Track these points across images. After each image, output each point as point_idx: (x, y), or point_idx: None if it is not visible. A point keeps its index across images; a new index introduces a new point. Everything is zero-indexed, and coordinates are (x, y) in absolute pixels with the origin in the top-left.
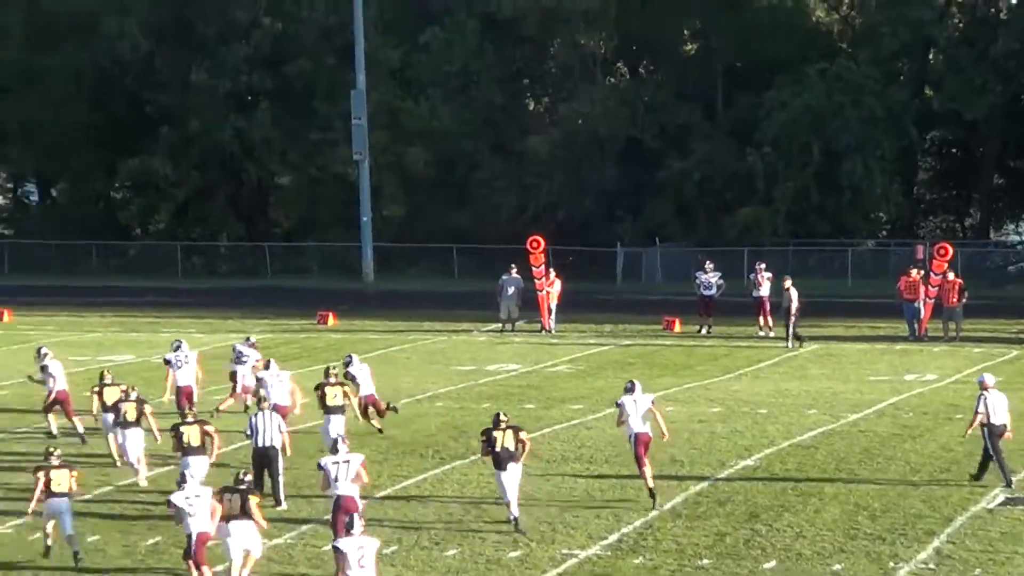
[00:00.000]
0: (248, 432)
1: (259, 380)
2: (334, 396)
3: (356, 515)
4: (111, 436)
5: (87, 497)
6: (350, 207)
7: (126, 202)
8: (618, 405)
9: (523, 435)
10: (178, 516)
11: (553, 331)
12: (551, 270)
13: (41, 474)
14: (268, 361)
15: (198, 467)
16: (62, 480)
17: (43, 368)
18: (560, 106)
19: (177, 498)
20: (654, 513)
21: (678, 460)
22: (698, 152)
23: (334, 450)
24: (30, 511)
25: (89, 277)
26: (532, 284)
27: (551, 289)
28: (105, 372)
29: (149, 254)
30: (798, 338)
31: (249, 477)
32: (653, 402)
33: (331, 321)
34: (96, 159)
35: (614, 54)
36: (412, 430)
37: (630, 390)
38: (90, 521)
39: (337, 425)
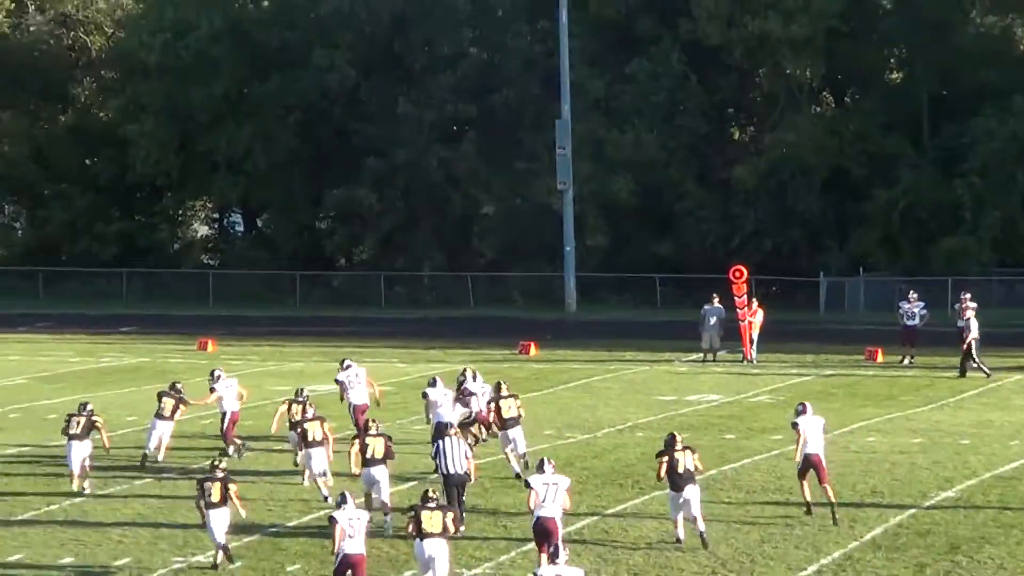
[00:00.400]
0: (433, 455)
1: (425, 396)
2: (508, 408)
3: (560, 544)
4: (299, 454)
5: (292, 524)
6: (553, 237)
7: (331, 232)
8: (795, 426)
9: (696, 458)
10: (334, 535)
11: (755, 361)
12: (754, 299)
13: (202, 486)
14: (434, 379)
15: (381, 477)
16: (215, 491)
17: (212, 390)
18: (765, 135)
19: (340, 516)
20: (853, 544)
21: (878, 491)
22: (904, 181)
23: (541, 469)
24: (202, 522)
25: (292, 307)
26: (734, 314)
27: (753, 319)
28: (301, 390)
29: (352, 284)
30: (963, 368)
31: (436, 495)
32: (823, 428)
33: (533, 351)
34: (302, 189)
35: (820, 83)
36: (612, 460)
37: (802, 412)
38: (294, 548)
39: (517, 435)
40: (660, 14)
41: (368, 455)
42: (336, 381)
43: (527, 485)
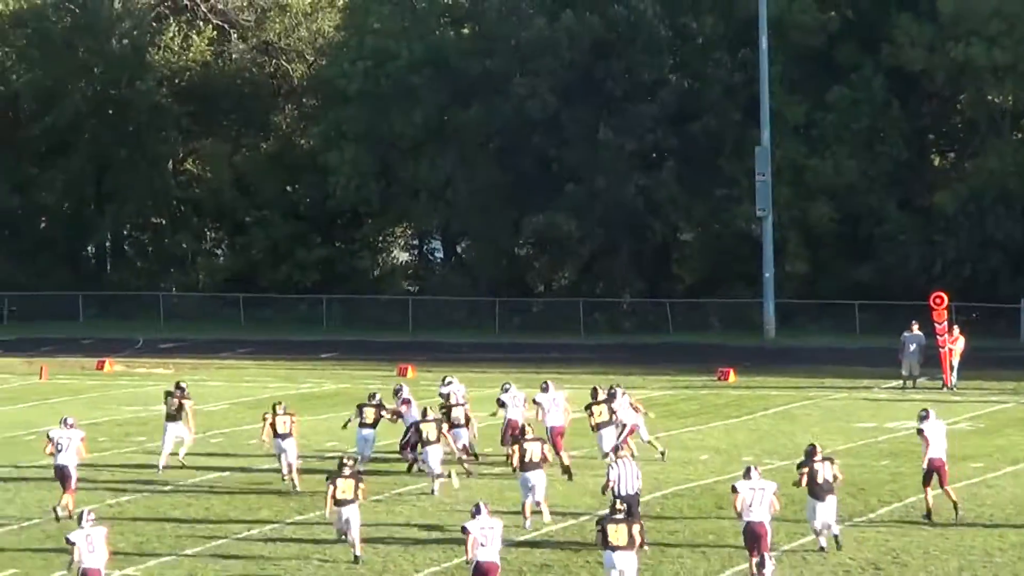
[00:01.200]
0: (608, 475)
1: (536, 403)
2: (600, 414)
3: (768, 555)
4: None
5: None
6: (753, 263)
7: (530, 259)
8: (920, 432)
9: (836, 468)
10: (467, 543)
11: (955, 388)
12: (954, 326)
13: (330, 484)
14: (546, 383)
15: (537, 480)
16: (347, 488)
17: (405, 402)
18: (966, 162)
19: (472, 526)
20: None
21: None
22: None
23: (748, 476)
24: (327, 515)
25: (492, 333)
26: (935, 340)
27: (954, 346)
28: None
29: (552, 310)
30: None
31: (624, 507)
32: (946, 433)
33: (731, 377)
34: (501, 216)
35: (1022, 108)
36: None
37: (925, 417)
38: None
39: (609, 438)
40: (861, 41)
41: (526, 459)
42: (498, 402)
43: (733, 490)
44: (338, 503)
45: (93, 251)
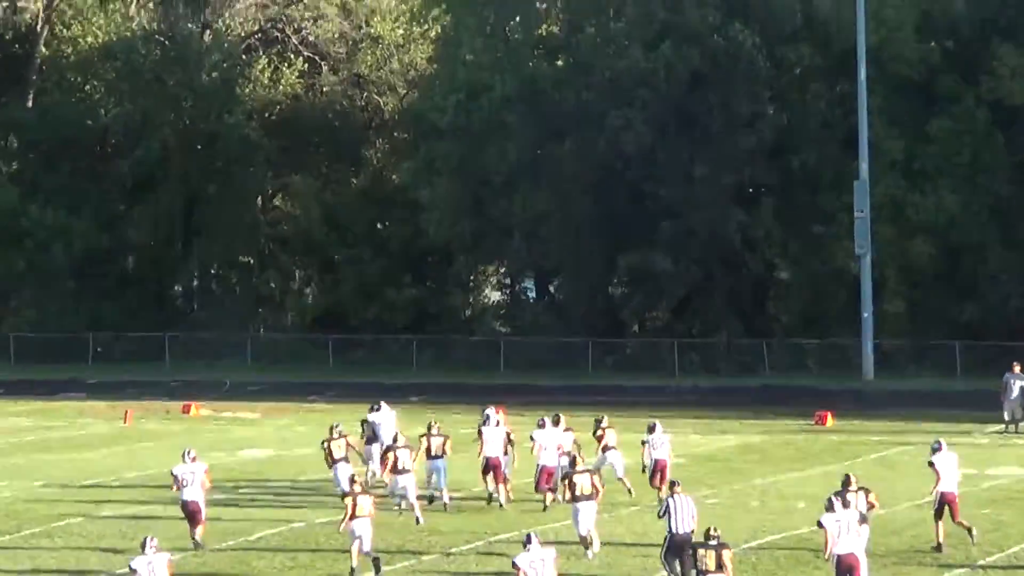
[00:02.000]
0: (661, 512)
1: (532, 439)
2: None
3: None
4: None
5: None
6: (852, 302)
7: (624, 297)
8: (931, 465)
9: (872, 497)
10: None
11: None
12: None
13: (348, 500)
14: (543, 420)
15: (588, 512)
16: (365, 505)
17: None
18: None
19: (522, 560)
20: None
21: None
22: None
23: (830, 508)
24: (340, 530)
25: (585, 374)
26: None
27: None
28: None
29: (645, 351)
30: None
31: (718, 532)
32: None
33: (829, 422)
34: (595, 253)
35: None
36: (910, 536)
37: (938, 450)
38: None
39: (615, 460)
40: (961, 72)
41: (577, 491)
42: (366, 421)
43: (819, 525)
44: (354, 518)
45: (180, 290)
